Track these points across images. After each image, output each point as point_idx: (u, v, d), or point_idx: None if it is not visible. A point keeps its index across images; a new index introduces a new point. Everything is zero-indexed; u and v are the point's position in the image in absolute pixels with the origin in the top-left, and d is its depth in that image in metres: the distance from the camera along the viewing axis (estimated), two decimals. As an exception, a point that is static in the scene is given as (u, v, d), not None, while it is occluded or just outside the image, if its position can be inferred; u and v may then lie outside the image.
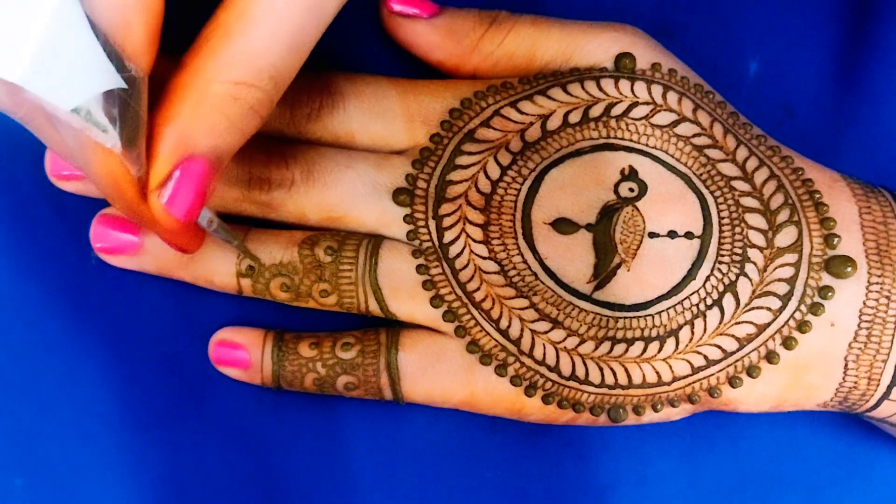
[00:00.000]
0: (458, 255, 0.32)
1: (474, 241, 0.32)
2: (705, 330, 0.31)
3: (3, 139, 0.34)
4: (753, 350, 0.31)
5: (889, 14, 0.36)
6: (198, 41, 0.26)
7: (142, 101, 0.24)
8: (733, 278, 0.31)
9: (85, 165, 0.25)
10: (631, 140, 0.32)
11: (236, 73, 0.25)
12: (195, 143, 0.25)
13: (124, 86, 0.23)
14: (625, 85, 0.33)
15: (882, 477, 0.36)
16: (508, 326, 0.31)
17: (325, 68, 0.33)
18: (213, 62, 0.25)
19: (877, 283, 0.31)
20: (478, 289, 0.32)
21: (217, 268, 0.32)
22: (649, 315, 0.31)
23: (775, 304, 0.31)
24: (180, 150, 0.25)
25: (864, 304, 0.31)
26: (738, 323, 0.31)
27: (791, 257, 0.32)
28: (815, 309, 0.31)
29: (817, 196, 0.32)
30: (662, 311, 0.31)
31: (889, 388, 0.32)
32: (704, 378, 0.31)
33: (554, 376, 0.31)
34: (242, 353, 0.33)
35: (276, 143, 0.33)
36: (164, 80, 0.26)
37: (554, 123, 0.33)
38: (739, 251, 0.32)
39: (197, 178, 0.25)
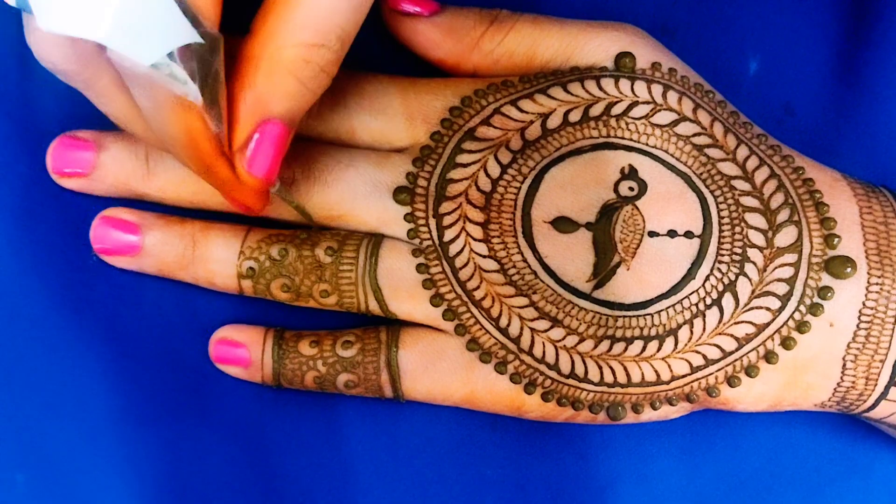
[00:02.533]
0: (458, 253, 0.32)
1: (474, 239, 0.32)
2: (704, 329, 0.31)
3: (3, 138, 0.34)
4: (752, 350, 0.31)
5: (889, 13, 0.36)
6: (265, 6, 0.27)
7: (219, 57, 0.25)
8: (733, 278, 0.31)
9: (159, 124, 0.26)
10: (631, 139, 0.32)
11: (306, 36, 0.26)
12: (272, 107, 0.27)
13: (201, 41, 0.24)
14: (625, 84, 0.33)
15: (880, 476, 0.36)
16: (508, 325, 0.31)
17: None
18: (283, 27, 0.26)
19: (876, 284, 0.31)
20: (478, 287, 0.32)
21: (218, 269, 0.33)
22: (648, 314, 0.31)
23: (774, 304, 0.31)
24: (258, 114, 0.27)
25: (864, 304, 0.31)
26: (738, 323, 0.31)
27: (791, 257, 0.32)
28: (815, 309, 0.31)
29: (818, 196, 0.32)
30: (662, 310, 0.31)
31: (887, 389, 0.32)
32: (703, 377, 0.31)
33: (553, 374, 0.31)
34: (243, 351, 0.33)
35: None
36: (233, 50, 0.27)
37: (554, 122, 0.33)
38: (739, 251, 0.32)
39: (275, 139, 0.27)
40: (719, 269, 0.31)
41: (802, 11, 0.37)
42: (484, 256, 0.32)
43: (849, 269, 0.31)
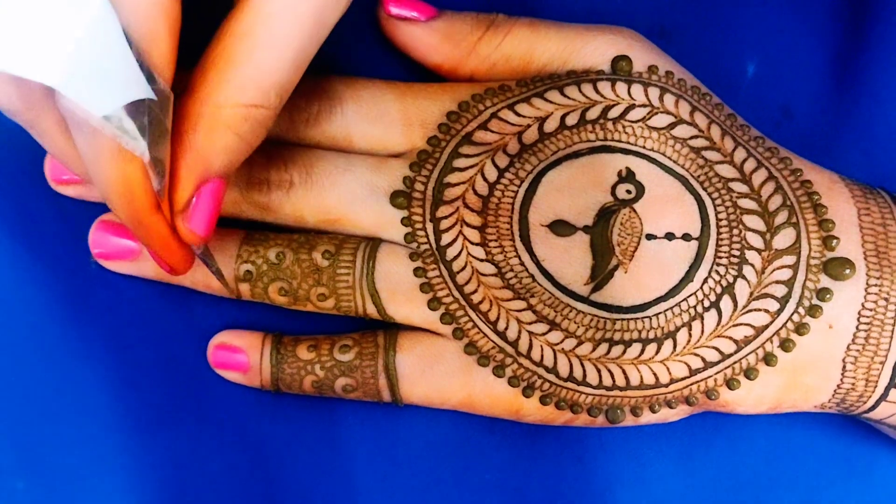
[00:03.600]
0: (456, 257, 0.32)
1: (472, 243, 0.32)
2: (703, 332, 0.31)
3: (2, 143, 0.34)
4: (751, 352, 0.31)
5: (887, 15, 0.36)
6: (204, 63, 0.26)
7: (168, 115, 0.25)
8: (731, 280, 0.31)
9: (98, 172, 0.25)
10: (628, 142, 0.32)
11: (245, 96, 0.26)
12: (212, 165, 0.27)
13: (154, 97, 0.24)
14: (622, 87, 0.33)
15: (880, 477, 0.36)
16: (506, 328, 0.31)
17: (323, 72, 0.33)
18: (222, 86, 0.26)
19: (875, 286, 0.31)
20: (475, 291, 0.32)
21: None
22: (647, 317, 0.31)
23: (773, 306, 0.31)
24: (201, 173, 0.27)
25: (863, 306, 0.31)
26: (736, 325, 0.31)
27: (789, 259, 0.32)
28: (814, 311, 0.31)
29: (816, 197, 0.32)
30: (660, 313, 0.31)
31: (887, 390, 0.32)
32: (702, 380, 0.31)
33: (552, 377, 0.31)
34: (241, 356, 0.33)
35: (275, 147, 0.33)
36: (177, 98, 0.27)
37: (551, 126, 0.33)
38: (737, 253, 0.32)
39: (215, 196, 0.27)
40: (717, 272, 0.31)
41: (800, 14, 0.37)
42: (481, 260, 0.32)
43: (847, 271, 0.31)
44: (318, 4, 0.26)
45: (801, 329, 0.31)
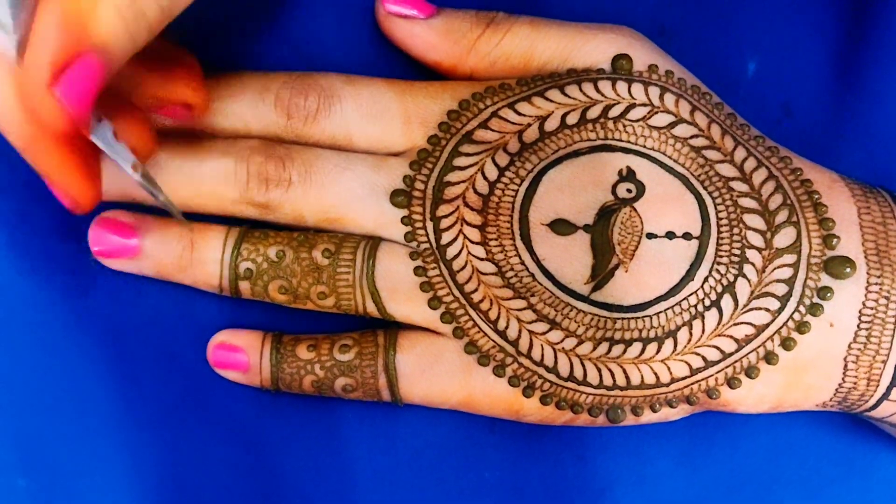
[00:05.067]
0: (456, 256, 0.32)
1: (472, 242, 0.32)
2: (703, 331, 0.31)
3: (2, 143, 0.34)
4: (752, 351, 0.31)
5: (887, 14, 0.36)
6: None
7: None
8: (732, 279, 0.31)
9: None
10: (628, 141, 0.32)
11: None
12: (90, 38, 0.24)
13: None
14: (622, 86, 0.33)
15: (881, 477, 0.36)
16: (506, 327, 0.31)
17: (322, 70, 0.33)
18: None
19: (876, 284, 0.31)
20: (476, 290, 0.32)
21: (215, 270, 0.32)
22: (647, 316, 0.31)
23: (774, 304, 0.31)
24: (75, 40, 0.24)
25: (864, 304, 0.31)
26: (737, 324, 0.31)
27: (790, 258, 0.31)
28: (814, 310, 0.31)
29: (816, 196, 0.32)
30: (660, 312, 0.31)
31: (889, 389, 0.32)
32: (703, 379, 0.31)
33: (552, 377, 0.31)
34: (241, 355, 0.33)
35: (274, 145, 0.33)
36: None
37: (552, 125, 0.33)
38: (738, 252, 0.32)
39: (91, 73, 0.24)
40: (718, 271, 0.31)
41: (801, 13, 0.37)
42: (481, 259, 0.32)
43: (848, 269, 0.31)
44: None
45: (802, 328, 0.31)
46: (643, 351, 0.31)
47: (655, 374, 0.31)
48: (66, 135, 0.25)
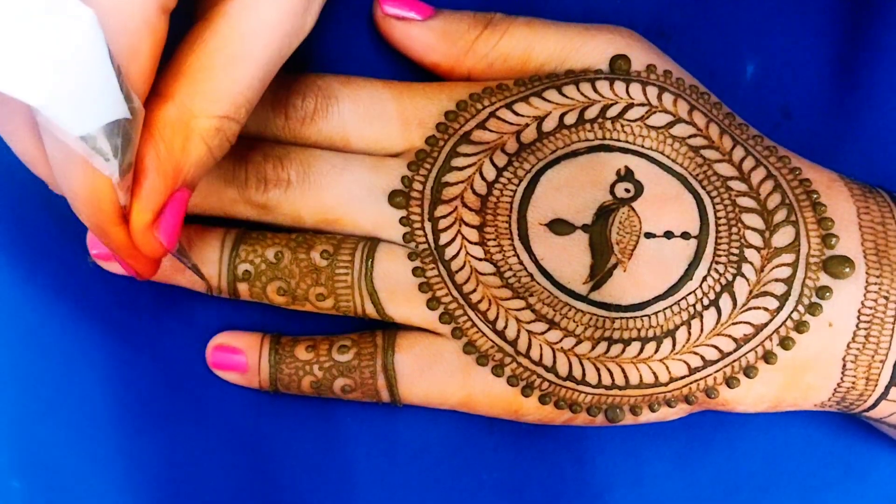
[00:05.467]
0: (455, 256, 0.32)
1: (470, 242, 0.32)
2: (702, 330, 0.31)
3: (2, 144, 0.34)
4: (751, 350, 0.31)
5: (886, 15, 0.36)
6: (178, 70, 0.26)
7: (138, 130, 0.25)
8: (730, 279, 0.31)
9: (66, 181, 0.25)
10: (627, 141, 0.32)
11: (220, 108, 0.26)
12: (185, 175, 0.27)
13: (130, 116, 0.24)
14: (620, 86, 0.33)
15: (878, 478, 0.36)
16: (505, 327, 0.31)
17: (319, 71, 0.33)
18: (199, 98, 0.26)
19: (875, 284, 0.31)
20: (474, 290, 0.31)
21: (214, 272, 0.32)
22: (646, 315, 0.31)
23: (772, 304, 0.31)
24: (174, 183, 0.26)
25: (863, 304, 0.31)
26: (736, 323, 0.31)
27: (788, 257, 0.31)
28: (813, 309, 0.31)
29: (815, 196, 0.32)
30: (659, 311, 0.31)
31: (887, 389, 0.32)
32: (701, 379, 0.31)
33: (551, 377, 0.31)
34: (240, 357, 0.33)
35: (273, 146, 0.33)
36: None
37: (549, 125, 0.33)
38: (736, 251, 0.31)
39: (182, 206, 0.27)
40: (716, 270, 0.31)
41: (799, 14, 0.37)
42: (480, 259, 0.32)
43: (847, 269, 0.31)
44: (289, 25, 0.27)
45: (800, 327, 0.31)
46: (642, 350, 0.31)
47: (654, 373, 0.31)
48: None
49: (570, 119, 0.33)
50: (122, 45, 0.23)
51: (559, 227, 0.32)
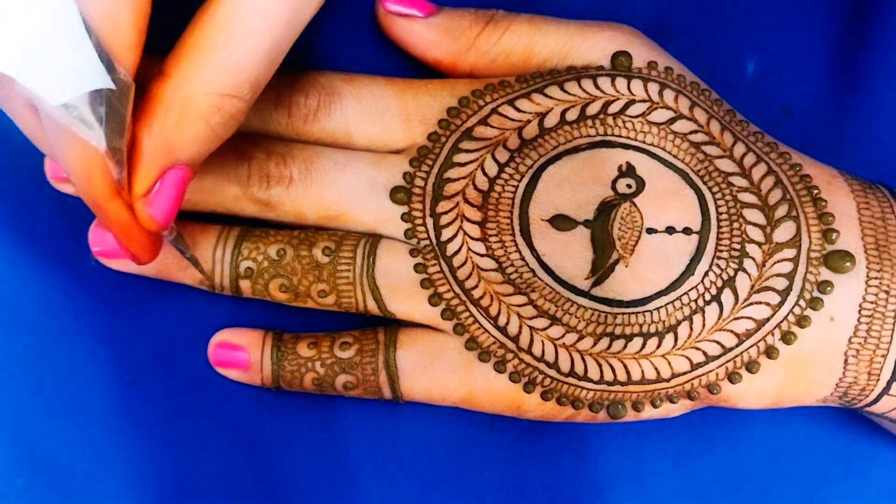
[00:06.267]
0: (456, 252, 0.32)
1: (472, 238, 0.32)
2: (704, 326, 0.31)
3: (2, 142, 0.34)
4: (752, 345, 0.31)
5: (886, 14, 0.36)
6: (179, 49, 0.26)
7: (127, 104, 0.25)
8: (732, 274, 0.31)
9: (63, 158, 0.25)
10: (628, 137, 0.32)
11: (220, 85, 0.26)
12: (180, 153, 0.27)
13: (112, 87, 0.24)
14: (621, 83, 0.33)
15: (880, 475, 0.36)
16: (507, 323, 0.31)
17: (322, 69, 0.33)
18: (197, 74, 0.26)
19: (876, 278, 0.31)
20: (476, 286, 0.32)
21: (216, 270, 0.32)
22: (647, 311, 0.31)
23: (774, 299, 0.31)
24: (166, 160, 0.26)
25: (864, 298, 0.31)
26: (737, 318, 0.31)
27: (789, 252, 0.32)
28: (815, 304, 0.31)
29: (815, 191, 0.32)
30: (661, 307, 0.31)
31: (889, 383, 0.32)
32: (703, 374, 0.31)
33: (553, 373, 0.31)
34: (242, 354, 0.33)
35: (275, 143, 0.33)
36: (145, 81, 0.26)
37: (551, 121, 0.33)
38: (738, 247, 0.32)
39: (178, 184, 0.27)
40: (718, 265, 0.31)
41: (800, 12, 0.37)
42: (482, 255, 0.32)
43: (848, 263, 0.31)
44: (294, 1, 0.27)
45: (802, 322, 0.31)
46: (644, 346, 0.31)
47: (656, 369, 0.31)
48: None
49: (572, 115, 0.33)
50: (101, 15, 0.24)
51: (561, 222, 0.32)
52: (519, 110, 0.33)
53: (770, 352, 0.31)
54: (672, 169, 0.32)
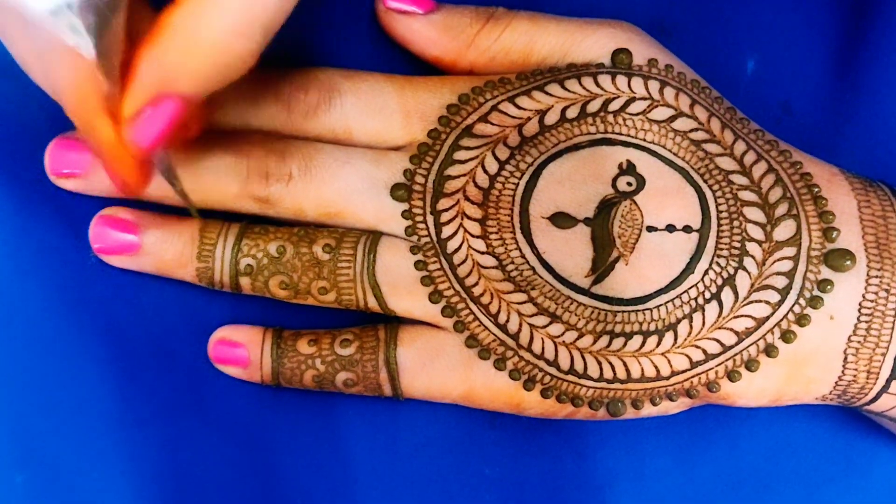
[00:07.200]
0: (457, 250, 0.32)
1: (472, 235, 0.32)
2: (704, 324, 0.31)
3: (2, 138, 0.34)
4: (752, 344, 0.31)
5: (887, 12, 0.36)
6: None
7: (121, 15, 0.24)
8: (732, 272, 0.31)
9: (50, 69, 0.25)
10: (629, 135, 0.32)
11: (231, 21, 0.25)
12: (178, 84, 0.26)
13: None
14: (622, 80, 0.33)
15: (880, 473, 0.36)
16: (507, 321, 0.31)
17: (322, 65, 0.33)
18: (209, 6, 0.25)
19: (876, 277, 0.31)
20: (476, 283, 0.32)
21: (216, 266, 0.32)
22: (648, 309, 0.31)
23: (774, 297, 0.31)
24: (161, 87, 0.26)
25: (864, 297, 0.31)
26: (737, 317, 0.31)
27: (790, 251, 0.32)
28: (815, 302, 0.31)
29: (816, 190, 0.32)
30: (661, 305, 0.31)
31: (888, 382, 0.32)
32: (703, 372, 0.31)
33: (553, 370, 0.31)
34: (242, 351, 0.33)
35: (275, 140, 0.33)
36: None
37: (551, 119, 0.33)
38: (738, 245, 0.32)
39: (170, 116, 0.26)
40: (718, 264, 0.31)
41: (800, 10, 0.37)
42: (482, 253, 0.32)
43: (848, 262, 0.31)
44: None
45: (802, 320, 0.31)
46: (643, 344, 0.31)
47: (656, 367, 0.31)
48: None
49: (573, 113, 0.33)
50: None
51: (561, 220, 0.32)
52: (519, 107, 0.33)
53: (770, 350, 0.31)
54: (672, 167, 0.32)
